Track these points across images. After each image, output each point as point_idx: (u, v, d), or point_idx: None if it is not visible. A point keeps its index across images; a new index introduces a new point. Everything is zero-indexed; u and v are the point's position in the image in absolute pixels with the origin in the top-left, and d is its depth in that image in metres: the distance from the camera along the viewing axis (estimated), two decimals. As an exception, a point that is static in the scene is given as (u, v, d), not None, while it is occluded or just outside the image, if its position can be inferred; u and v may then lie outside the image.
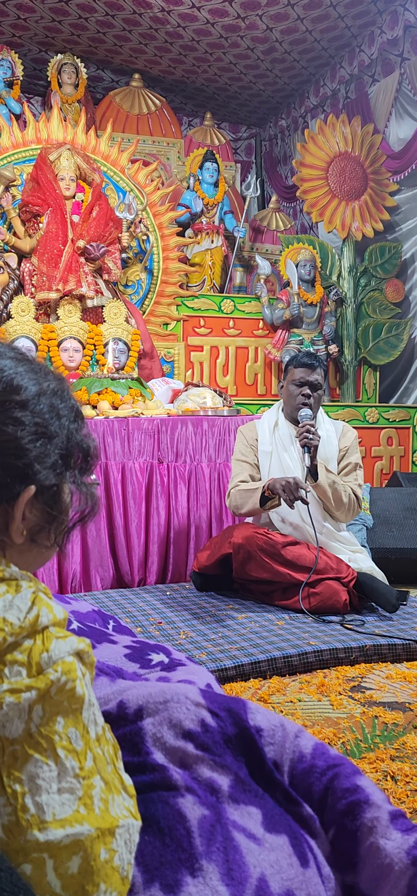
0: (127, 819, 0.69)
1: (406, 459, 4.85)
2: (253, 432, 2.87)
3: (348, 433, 2.86)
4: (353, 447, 2.83)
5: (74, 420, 0.84)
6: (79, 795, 0.66)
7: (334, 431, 2.85)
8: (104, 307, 4.07)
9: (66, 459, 0.82)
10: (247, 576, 2.65)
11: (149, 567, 3.12)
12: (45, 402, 0.80)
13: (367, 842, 0.85)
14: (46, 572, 2.90)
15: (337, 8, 4.81)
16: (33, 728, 0.66)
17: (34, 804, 0.64)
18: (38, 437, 0.78)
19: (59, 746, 0.67)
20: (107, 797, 0.69)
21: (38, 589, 0.73)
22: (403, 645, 2.19)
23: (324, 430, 2.83)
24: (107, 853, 0.66)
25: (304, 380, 2.76)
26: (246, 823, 0.79)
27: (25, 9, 4.93)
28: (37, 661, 0.67)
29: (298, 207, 6.15)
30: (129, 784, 0.73)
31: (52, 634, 0.70)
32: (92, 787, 0.68)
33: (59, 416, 0.81)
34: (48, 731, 0.66)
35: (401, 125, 4.96)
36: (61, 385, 0.84)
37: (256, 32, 5.11)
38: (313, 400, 2.75)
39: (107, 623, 1.53)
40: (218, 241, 5.23)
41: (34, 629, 0.69)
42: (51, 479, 0.79)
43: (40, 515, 0.80)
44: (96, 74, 5.82)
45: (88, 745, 0.69)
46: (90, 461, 0.86)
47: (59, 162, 4.18)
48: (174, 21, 5.01)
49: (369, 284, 5.10)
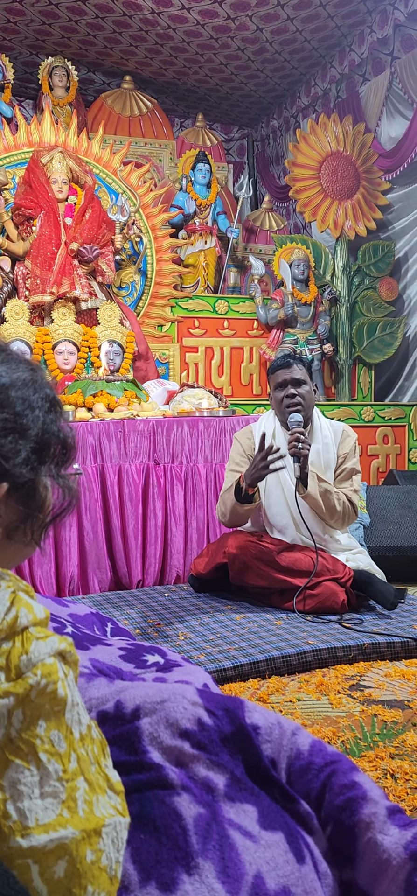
0: (113, 817, 0.68)
1: (403, 457, 4.85)
2: (249, 441, 2.76)
3: (347, 439, 2.71)
4: (352, 453, 2.69)
5: (49, 410, 0.80)
6: (62, 799, 0.65)
7: (332, 437, 2.71)
8: (98, 309, 4.06)
9: (41, 453, 0.78)
10: (244, 583, 2.64)
11: (147, 569, 3.12)
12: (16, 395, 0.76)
13: (365, 837, 0.85)
14: (45, 575, 2.89)
15: (327, 8, 4.82)
16: (13, 733, 0.64)
17: (16, 810, 0.63)
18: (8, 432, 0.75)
19: (41, 750, 0.65)
20: (92, 798, 0.68)
21: (17, 588, 0.71)
22: (401, 643, 2.19)
23: (321, 437, 2.69)
24: (94, 854, 0.65)
25: (284, 379, 2.64)
26: (242, 821, 0.79)
27: (15, 12, 4.93)
28: (16, 665, 0.65)
29: (291, 207, 6.16)
30: (116, 781, 0.72)
31: (33, 635, 0.68)
32: (75, 788, 0.66)
33: (32, 409, 0.77)
34: (29, 736, 0.65)
35: (392, 124, 4.97)
36: (34, 375, 0.80)
37: (246, 33, 5.12)
38: (301, 398, 2.63)
39: (106, 625, 1.53)
40: (211, 242, 5.23)
41: (13, 630, 0.67)
42: (24, 475, 0.76)
43: (15, 513, 0.77)
44: (87, 77, 5.82)
45: (72, 746, 0.68)
46: (68, 452, 0.82)
47: (52, 165, 4.18)
48: (164, 23, 5.01)
49: (363, 283, 5.11)
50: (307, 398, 2.65)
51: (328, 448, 2.68)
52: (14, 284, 4.12)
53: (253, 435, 2.76)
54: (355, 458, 2.70)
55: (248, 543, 2.59)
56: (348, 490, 2.64)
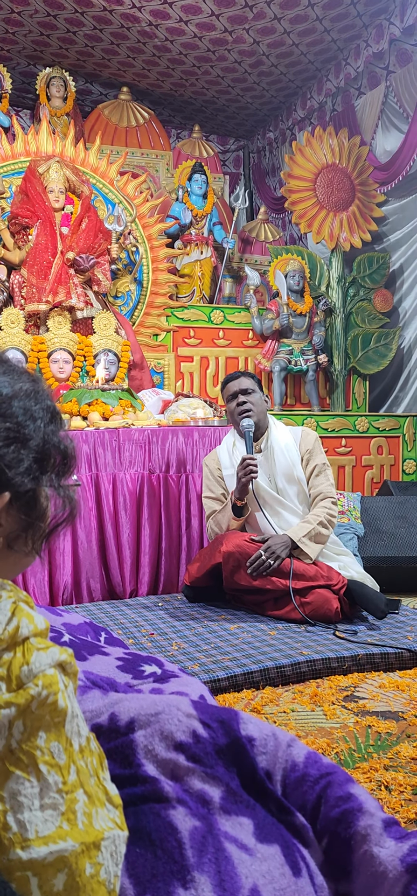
0: (112, 831, 0.68)
1: (397, 468, 4.87)
2: (215, 461, 2.93)
3: (308, 437, 2.87)
4: (316, 448, 2.84)
5: (50, 422, 0.81)
6: (62, 811, 0.65)
7: (292, 438, 2.87)
8: (94, 318, 4.07)
9: (42, 463, 0.79)
10: (237, 585, 2.65)
11: (141, 578, 3.11)
12: (18, 405, 0.77)
13: (361, 850, 0.84)
14: (38, 584, 2.88)
15: (323, 22, 4.86)
16: (14, 744, 0.64)
17: (16, 822, 0.62)
18: (10, 441, 0.75)
19: (41, 762, 0.65)
20: (91, 810, 0.67)
21: (18, 598, 0.71)
22: (395, 654, 2.19)
23: (281, 439, 2.84)
24: (93, 867, 0.65)
25: (235, 391, 2.84)
26: (238, 834, 0.79)
27: (14, 23, 4.95)
28: (17, 675, 0.65)
29: (287, 218, 6.19)
30: (115, 794, 0.72)
31: (33, 646, 0.67)
32: (75, 801, 0.66)
33: (33, 419, 0.78)
34: (29, 747, 0.65)
35: (388, 137, 5.01)
36: (36, 386, 0.81)
37: (243, 46, 5.16)
38: (251, 405, 2.79)
39: (99, 635, 1.52)
40: (207, 253, 5.25)
41: (14, 641, 0.67)
42: (26, 484, 0.76)
43: (16, 522, 0.77)
44: (85, 88, 5.84)
45: (72, 758, 0.68)
46: (68, 463, 0.83)
47: (48, 174, 4.19)
48: (162, 35, 5.04)
49: (357, 294, 5.14)
50: (257, 405, 2.84)
51: (289, 448, 2.84)
52: (10, 293, 4.13)
53: (218, 457, 2.94)
54: (321, 452, 2.86)
55: (244, 543, 2.61)
56: (325, 486, 2.76)
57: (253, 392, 2.85)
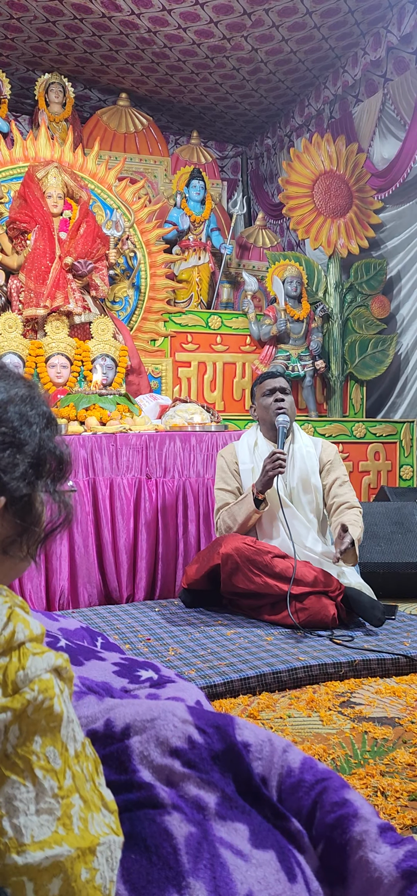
0: (108, 836, 0.68)
1: (394, 474, 4.87)
2: (232, 455, 2.92)
3: (328, 448, 2.92)
4: (337, 460, 2.89)
5: (46, 427, 0.81)
6: (57, 816, 0.65)
7: (313, 445, 2.91)
8: (92, 323, 4.07)
9: (38, 468, 0.79)
10: (234, 588, 2.64)
11: (138, 583, 3.11)
12: (14, 411, 0.77)
13: (356, 855, 0.84)
14: (35, 589, 2.88)
15: (321, 30, 4.89)
16: (9, 749, 0.64)
17: (12, 827, 0.62)
18: (6, 446, 0.75)
19: (37, 766, 0.65)
20: (87, 815, 0.67)
21: (14, 603, 0.71)
22: (392, 660, 2.19)
23: (303, 445, 2.88)
24: (89, 873, 0.65)
25: (273, 387, 2.86)
26: (233, 840, 0.79)
27: (13, 29, 4.97)
28: (12, 680, 0.65)
29: (284, 225, 6.21)
30: (110, 800, 0.72)
31: (29, 651, 0.68)
32: (71, 806, 0.66)
33: (29, 424, 0.78)
34: (25, 752, 0.65)
35: (385, 144, 5.03)
36: (32, 391, 0.81)
37: (242, 53, 5.18)
38: (286, 405, 2.82)
39: (96, 640, 1.52)
40: (205, 258, 5.26)
41: (10, 646, 0.67)
42: (21, 489, 0.76)
43: (12, 527, 0.77)
44: (83, 93, 5.86)
45: (67, 762, 0.68)
46: (64, 468, 0.83)
47: (47, 179, 4.20)
48: (161, 42, 5.06)
49: (355, 300, 5.15)
50: (290, 408, 2.87)
51: (310, 454, 2.88)
52: (8, 298, 4.13)
53: (236, 451, 2.92)
54: (342, 465, 2.91)
55: (244, 545, 2.60)
56: (351, 496, 2.80)
57: (289, 394, 2.90)
